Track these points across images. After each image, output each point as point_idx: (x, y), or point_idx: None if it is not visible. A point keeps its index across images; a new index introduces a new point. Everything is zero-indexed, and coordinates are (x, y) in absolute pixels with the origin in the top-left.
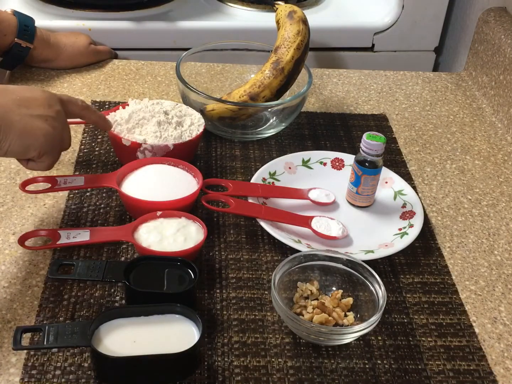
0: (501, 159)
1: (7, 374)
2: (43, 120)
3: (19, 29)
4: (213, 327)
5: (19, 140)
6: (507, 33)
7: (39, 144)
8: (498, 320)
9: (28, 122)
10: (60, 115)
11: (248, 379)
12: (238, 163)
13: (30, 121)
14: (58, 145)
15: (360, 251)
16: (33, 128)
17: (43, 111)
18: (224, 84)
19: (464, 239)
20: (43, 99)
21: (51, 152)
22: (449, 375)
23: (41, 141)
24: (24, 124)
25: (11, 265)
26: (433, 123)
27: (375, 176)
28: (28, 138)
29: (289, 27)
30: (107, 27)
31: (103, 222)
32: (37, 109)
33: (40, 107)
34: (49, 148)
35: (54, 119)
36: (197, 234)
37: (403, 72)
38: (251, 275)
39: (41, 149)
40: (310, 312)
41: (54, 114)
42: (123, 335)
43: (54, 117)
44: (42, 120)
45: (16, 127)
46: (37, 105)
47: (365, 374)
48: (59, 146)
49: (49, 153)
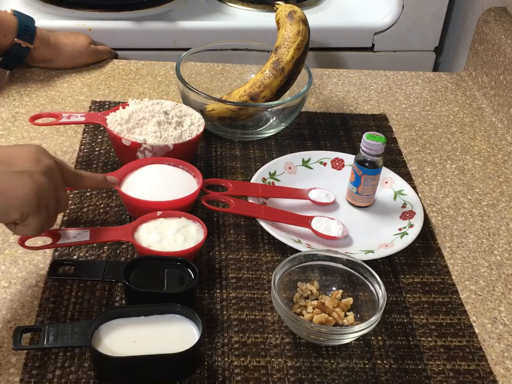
0: (501, 159)
1: (7, 374)
2: (26, 176)
3: (19, 29)
4: (213, 327)
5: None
6: (507, 33)
7: (20, 205)
8: (498, 320)
9: (7, 181)
10: (51, 171)
11: (248, 379)
12: (238, 163)
13: (9, 179)
14: (50, 204)
15: (360, 251)
16: (12, 186)
17: (28, 167)
18: (224, 84)
19: (464, 239)
20: (29, 153)
21: (37, 212)
22: (449, 375)
23: (21, 201)
24: (2, 185)
25: (11, 265)
26: (433, 123)
27: (375, 176)
28: (5, 198)
29: (289, 27)
30: (107, 27)
31: (103, 222)
32: (20, 165)
33: (25, 163)
34: (34, 208)
35: (42, 174)
36: (197, 234)
37: (403, 72)
38: (251, 275)
39: (23, 210)
40: (310, 312)
41: (41, 169)
42: (123, 335)
43: (41, 172)
44: (26, 177)
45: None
46: (21, 161)
47: (365, 374)
48: (52, 205)
49: (35, 214)
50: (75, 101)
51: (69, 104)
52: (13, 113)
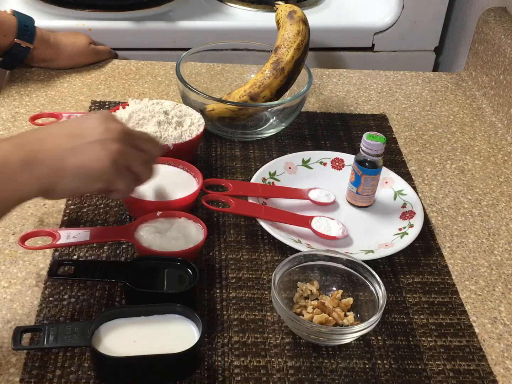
0: (501, 159)
1: (7, 374)
2: (99, 146)
3: (19, 29)
4: (213, 327)
5: (75, 178)
6: (507, 33)
7: (99, 175)
8: (498, 320)
9: (82, 153)
10: (121, 134)
11: (248, 379)
12: (238, 163)
13: (84, 151)
14: (132, 164)
15: (360, 251)
16: (88, 158)
17: (99, 136)
18: (224, 84)
19: (464, 239)
20: (98, 122)
21: (119, 177)
22: (449, 375)
23: (99, 171)
24: (78, 159)
25: (11, 265)
26: (433, 123)
27: (375, 176)
28: (84, 171)
29: (289, 27)
30: (107, 27)
31: (103, 222)
32: (91, 136)
33: (95, 132)
34: (114, 175)
35: (113, 141)
36: (197, 234)
37: (403, 72)
38: (251, 275)
39: (104, 179)
40: (310, 312)
41: (112, 135)
42: (123, 335)
43: (113, 138)
44: (98, 147)
45: (71, 165)
46: (91, 131)
47: (365, 374)
48: (134, 165)
49: (117, 179)
50: (75, 101)
51: (69, 104)
52: (13, 113)
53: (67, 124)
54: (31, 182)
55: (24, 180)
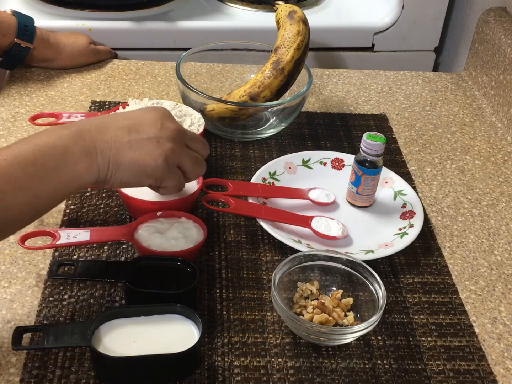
0: (501, 159)
1: (7, 374)
2: (154, 143)
3: (19, 29)
4: (213, 327)
5: (128, 172)
6: (507, 33)
7: (152, 171)
8: (498, 320)
9: (137, 149)
10: (176, 134)
11: (248, 379)
12: (238, 163)
13: (139, 147)
14: (183, 163)
15: (360, 251)
16: (142, 154)
17: (154, 133)
18: (224, 84)
19: (464, 239)
20: (155, 119)
21: (170, 175)
22: (449, 375)
23: (152, 167)
24: (133, 153)
25: (11, 265)
26: (433, 123)
27: (375, 176)
28: (138, 166)
29: (289, 27)
30: (107, 27)
31: (103, 222)
32: (147, 132)
33: (151, 129)
34: (165, 172)
35: (168, 139)
36: (197, 234)
37: (403, 72)
38: (251, 275)
39: (156, 175)
40: (310, 312)
41: (167, 134)
42: (123, 335)
43: (167, 137)
44: (153, 143)
45: (126, 158)
46: (147, 128)
47: (365, 374)
48: (185, 164)
49: (168, 176)
50: (75, 101)
51: (69, 104)
52: (13, 113)
53: (125, 116)
54: (90, 171)
55: (84, 169)
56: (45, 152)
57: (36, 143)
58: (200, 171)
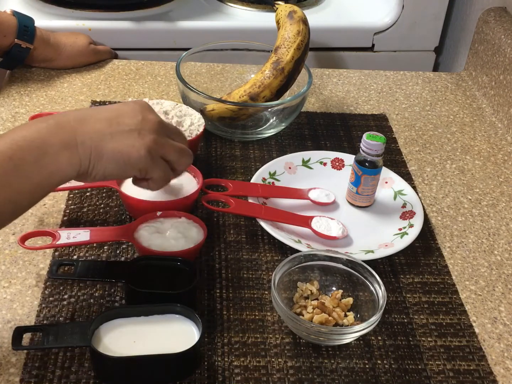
0: (501, 159)
1: (7, 374)
2: (135, 134)
3: (19, 30)
4: (213, 327)
5: (111, 163)
6: (507, 33)
7: (135, 162)
8: (498, 320)
9: (119, 140)
10: (157, 125)
11: (248, 379)
12: (238, 163)
13: (121, 138)
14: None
15: (360, 251)
16: (125, 145)
17: (135, 125)
18: (224, 84)
19: (464, 239)
20: (135, 111)
21: (155, 166)
22: (449, 375)
23: (135, 158)
24: (115, 144)
25: (11, 265)
26: (433, 123)
27: (375, 176)
28: (120, 157)
29: (289, 27)
30: (107, 27)
31: (103, 222)
32: (128, 124)
33: (132, 121)
34: (149, 163)
35: (149, 131)
36: (197, 234)
37: (403, 72)
38: (251, 275)
39: (139, 166)
40: (310, 312)
41: (148, 125)
42: (123, 335)
43: (149, 129)
44: (135, 135)
45: (108, 149)
46: (128, 120)
47: (365, 374)
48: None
49: (153, 167)
50: (75, 101)
51: (69, 104)
52: (13, 113)
53: (106, 108)
54: (71, 164)
55: (65, 162)
56: (22, 146)
57: (13, 138)
58: (187, 160)
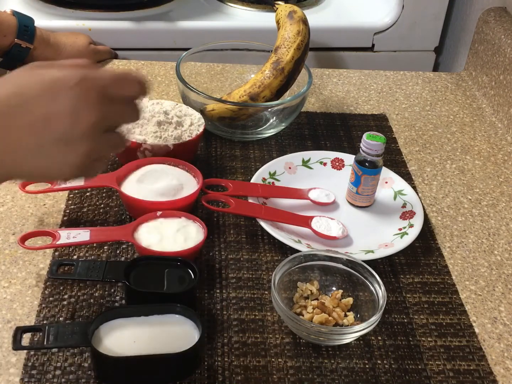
0: (501, 159)
1: (7, 374)
2: (62, 149)
3: (19, 30)
4: (213, 327)
5: (35, 180)
6: (507, 33)
7: (68, 174)
8: (498, 320)
9: (42, 160)
10: (93, 128)
11: (248, 379)
12: (238, 163)
13: (45, 156)
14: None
15: (360, 251)
16: (49, 167)
17: (62, 132)
18: (224, 84)
19: (464, 239)
20: (66, 104)
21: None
22: (449, 375)
23: (67, 174)
24: (37, 166)
25: (11, 265)
26: (433, 123)
27: (375, 176)
28: (46, 179)
29: (289, 27)
30: (107, 27)
31: (103, 222)
32: (55, 130)
33: (59, 125)
34: (83, 168)
35: (81, 140)
36: (197, 234)
37: (403, 72)
38: (251, 275)
39: (75, 175)
40: (310, 312)
41: (80, 130)
42: (123, 335)
43: (81, 136)
44: (62, 150)
45: (28, 170)
46: (56, 120)
47: (365, 374)
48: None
49: (93, 165)
50: None
51: None
52: None
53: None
54: None
55: None
56: None
57: None
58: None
